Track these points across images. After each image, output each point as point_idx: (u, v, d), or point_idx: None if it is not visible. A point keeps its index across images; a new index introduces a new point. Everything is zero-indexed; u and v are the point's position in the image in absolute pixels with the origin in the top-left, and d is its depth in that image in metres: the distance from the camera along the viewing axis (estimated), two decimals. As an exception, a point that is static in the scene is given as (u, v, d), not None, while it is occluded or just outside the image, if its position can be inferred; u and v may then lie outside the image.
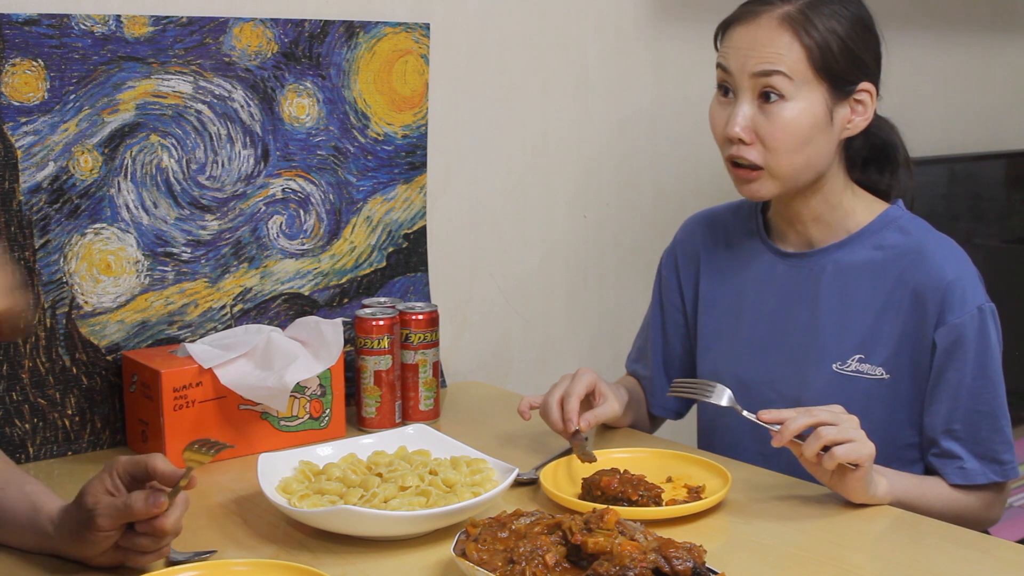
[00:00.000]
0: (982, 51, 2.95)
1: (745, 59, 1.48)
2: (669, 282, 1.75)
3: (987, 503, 1.50)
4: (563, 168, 2.18)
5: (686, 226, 1.76)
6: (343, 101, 1.84)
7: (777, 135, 1.47)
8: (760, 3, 1.50)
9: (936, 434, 1.49)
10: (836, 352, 1.54)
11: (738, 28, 1.50)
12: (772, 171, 1.49)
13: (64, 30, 1.57)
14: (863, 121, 1.52)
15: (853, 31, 1.49)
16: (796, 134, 1.47)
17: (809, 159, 1.49)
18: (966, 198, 2.86)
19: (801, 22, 1.46)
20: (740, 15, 1.51)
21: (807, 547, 1.28)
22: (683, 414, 1.79)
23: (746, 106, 1.48)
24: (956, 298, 1.47)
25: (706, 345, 1.68)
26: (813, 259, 1.58)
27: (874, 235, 1.55)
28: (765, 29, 1.47)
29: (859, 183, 1.59)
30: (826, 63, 1.46)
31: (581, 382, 1.57)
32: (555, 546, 1.13)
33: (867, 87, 1.51)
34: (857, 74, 1.49)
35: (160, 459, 1.16)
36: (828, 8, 1.48)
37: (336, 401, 1.68)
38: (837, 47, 1.47)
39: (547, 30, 2.12)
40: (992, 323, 1.48)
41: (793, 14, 1.47)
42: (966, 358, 1.46)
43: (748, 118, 1.48)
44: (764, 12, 1.48)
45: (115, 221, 1.65)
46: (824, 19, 1.47)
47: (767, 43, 1.46)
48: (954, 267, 1.49)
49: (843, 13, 1.48)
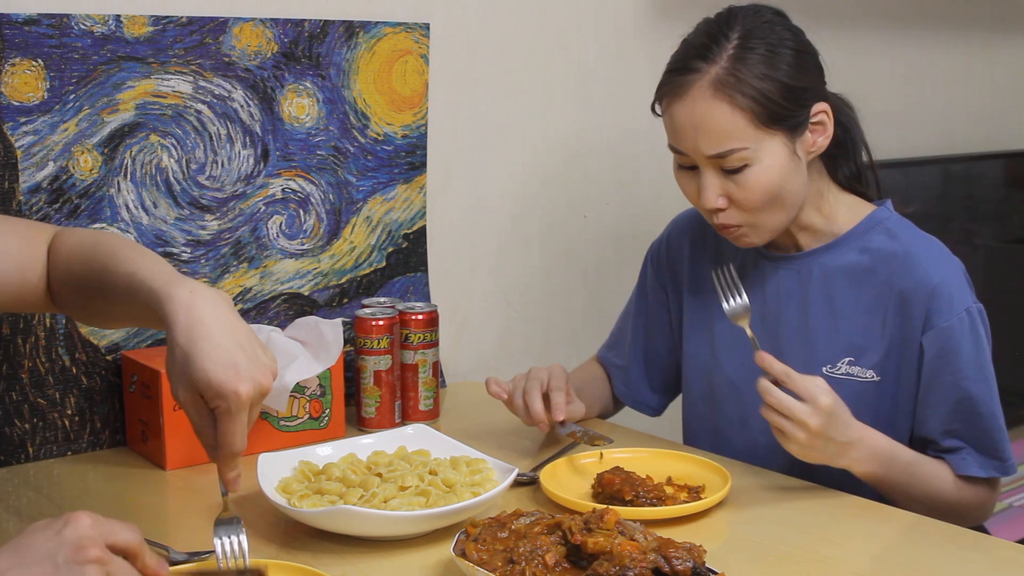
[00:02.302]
0: (982, 51, 2.95)
1: (695, 143, 1.45)
2: (655, 276, 1.75)
3: (983, 498, 1.50)
4: (563, 168, 2.18)
5: (676, 223, 1.75)
6: (343, 101, 1.84)
7: (751, 197, 1.45)
8: (686, 71, 1.44)
9: (935, 435, 1.49)
10: (826, 355, 1.54)
11: (674, 105, 1.46)
12: (755, 226, 1.49)
13: (64, 30, 1.57)
14: (825, 139, 1.49)
15: (787, 66, 1.43)
16: (769, 191, 1.45)
17: (785, 203, 1.48)
18: (964, 198, 2.86)
19: (732, 84, 1.41)
20: (671, 88, 1.46)
21: (807, 547, 1.28)
22: (660, 411, 1.80)
23: (712, 178, 1.46)
24: (943, 302, 1.47)
25: (695, 346, 1.68)
26: (801, 261, 1.57)
27: (860, 238, 1.54)
28: (701, 104, 1.42)
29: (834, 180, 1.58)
30: (771, 115, 1.42)
31: (560, 378, 1.58)
32: (555, 546, 1.13)
33: (820, 107, 1.47)
34: (805, 104, 1.46)
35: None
36: (754, 55, 1.42)
37: (336, 401, 1.68)
38: (777, 92, 1.42)
39: (547, 30, 2.12)
40: (981, 324, 1.48)
41: (722, 77, 1.41)
42: (961, 362, 1.46)
43: (717, 188, 1.46)
44: (694, 83, 1.43)
45: (115, 221, 1.65)
46: (754, 68, 1.41)
47: (708, 122, 1.42)
48: (940, 270, 1.49)
49: (772, 50, 1.43)
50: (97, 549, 0.94)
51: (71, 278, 1.24)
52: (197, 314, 1.07)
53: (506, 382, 1.61)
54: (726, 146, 1.43)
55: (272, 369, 1.10)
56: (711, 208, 1.48)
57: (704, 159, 1.45)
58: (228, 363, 1.05)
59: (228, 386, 1.04)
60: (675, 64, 1.48)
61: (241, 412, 1.06)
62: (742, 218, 1.48)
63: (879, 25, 2.62)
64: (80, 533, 0.94)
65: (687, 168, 1.50)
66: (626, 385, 1.77)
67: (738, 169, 1.44)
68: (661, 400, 1.79)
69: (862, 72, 1.52)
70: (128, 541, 0.97)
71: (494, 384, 1.60)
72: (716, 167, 1.45)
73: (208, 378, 1.05)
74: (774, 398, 1.36)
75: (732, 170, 1.44)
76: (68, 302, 1.27)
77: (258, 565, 1.11)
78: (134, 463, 1.59)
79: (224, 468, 1.10)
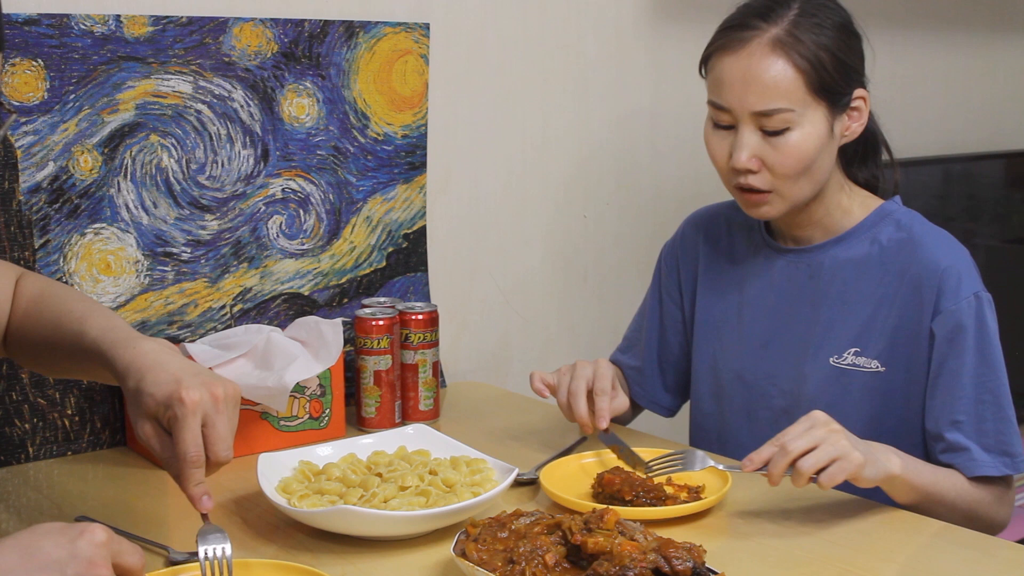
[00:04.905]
0: (982, 51, 2.95)
1: (742, 97, 1.45)
2: (669, 276, 1.75)
3: (997, 497, 1.47)
4: (563, 168, 2.18)
5: (688, 222, 1.76)
6: (343, 101, 1.84)
7: (786, 162, 1.46)
8: (745, 28, 1.46)
9: (941, 428, 1.47)
10: (833, 345, 1.54)
11: (727, 59, 1.47)
12: (781, 193, 1.50)
13: (64, 30, 1.57)
14: (859, 127, 1.52)
15: (840, 40, 1.47)
16: (804, 159, 1.47)
17: (814, 176, 1.50)
18: (965, 198, 2.86)
19: (792, 44, 1.44)
20: (726, 43, 1.47)
21: (807, 547, 1.28)
22: (675, 411, 1.79)
23: (750, 136, 1.47)
24: (951, 285, 1.47)
25: (704, 341, 1.68)
26: (812, 255, 1.58)
27: (870, 230, 1.55)
28: (757, 58, 1.44)
29: (848, 177, 1.60)
30: (822, 82, 1.45)
31: (606, 378, 1.55)
32: (555, 546, 1.13)
33: (861, 93, 1.51)
34: (851, 84, 1.49)
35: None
36: (811, 20, 1.45)
37: (336, 401, 1.68)
38: (830, 62, 1.45)
39: (547, 30, 2.12)
40: (989, 312, 1.48)
41: (782, 37, 1.44)
42: (966, 345, 1.46)
43: (753, 148, 1.47)
44: (752, 38, 1.45)
45: (115, 221, 1.65)
46: (812, 34, 1.45)
47: (762, 76, 1.44)
48: (949, 255, 1.49)
49: (827, 23, 1.47)
50: (106, 570, 0.95)
51: (24, 325, 1.28)
52: (142, 359, 1.14)
53: (550, 374, 1.58)
54: (774, 104, 1.44)
55: (229, 384, 1.15)
56: (742, 167, 1.48)
57: (748, 116, 1.46)
58: (171, 379, 1.12)
59: (173, 395, 1.11)
60: (733, 21, 1.50)
61: (189, 418, 1.10)
62: (771, 183, 1.49)
63: (879, 25, 2.62)
64: (94, 550, 0.95)
65: (722, 128, 1.50)
66: (641, 386, 1.77)
67: (779, 132, 1.45)
68: (675, 400, 1.78)
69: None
70: (132, 565, 0.99)
71: (537, 381, 1.57)
72: (756, 126, 1.46)
73: (155, 395, 1.11)
74: (787, 443, 1.29)
75: (772, 132, 1.45)
76: (17, 349, 1.31)
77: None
78: (134, 463, 1.59)
79: (185, 481, 1.11)
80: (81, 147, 1.61)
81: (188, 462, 1.10)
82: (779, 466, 1.29)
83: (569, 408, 1.54)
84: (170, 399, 1.11)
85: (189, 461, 1.10)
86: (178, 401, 1.10)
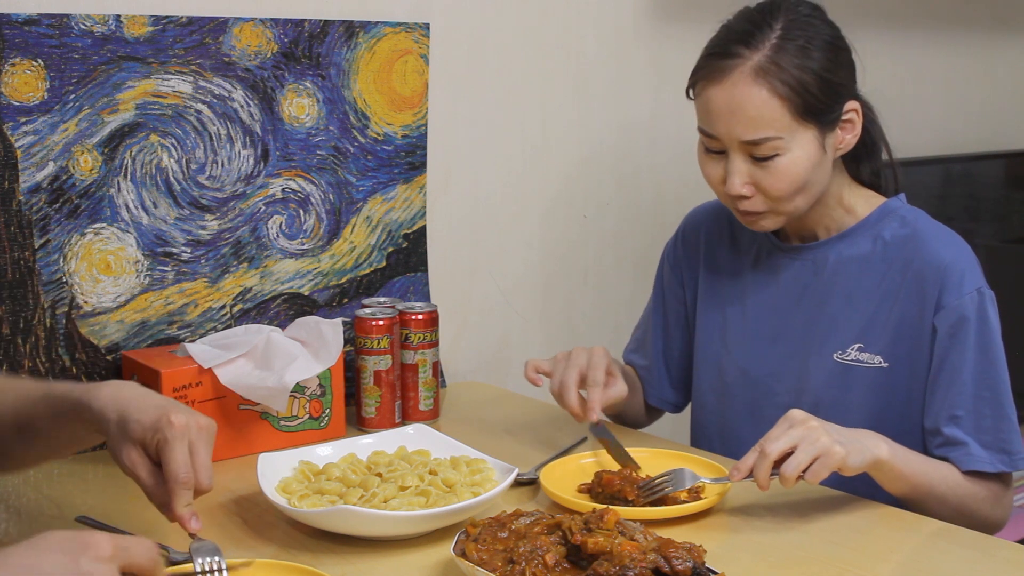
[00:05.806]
0: (982, 51, 2.95)
1: (729, 127, 1.45)
2: (671, 273, 1.75)
3: (993, 495, 1.46)
4: (563, 168, 2.18)
5: (690, 217, 1.76)
6: (343, 101, 1.84)
7: (778, 185, 1.47)
8: (726, 55, 1.45)
9: (939, 423, 1.47)
10: (837, 341, 1.54)
11: (711, 89, 1.46)
12: (777, 211, 1.51)
13: (64, 30, 1.57)
14: (853, 138, 1.51)
15: (826, 58, 1.45)
16: (796, 181, 1.47)
17: (810, 191, 1.50)
18: (965, 198, 2.86)
19: (774, 72, 1.43)
20: (709, 73, 1.47)
21: (807, 547, 1.28)
22: (682, 407, 1.80)
23: (740, 164, 1.47)
24: (954, 280, 1.47)
25: (707, 337, 1.68)
26: (815, 252, 1.58)
27: (874, 226, 1.56)
28: (741, 89, 1.44)
29: (852, 175, 1.60)
30: (807, 106, 1.44)
31: (600, 368, 1.55)
32: (555, 546, 1.13)
33: (852, 106, 1.49)
34: (839, 100, 1.48)
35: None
36: (794, 44, 1.44)
37: (336, 401, 1.68)
38: (815, 84, 1.44)
39: (547, 31, 2.12)
40: (991, 308, 1.48)
41: (764, 64, 1.43)
42: (967, 340, 1.46)
43: (745, 175, 1.47)
44: (735, 68, 1.44)
45: (115, 221, 1.65)
46: (795, 58, 1.43)
47: (746, 106, 1.43)
48: (952, 251, 1.50)
49: (812, 43, 1.45)
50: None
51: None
52: (119, 393, 1.17)
53: (545, 362, 1.58)
54: (761, 133, 1.44)
55: (206, 417, 1.17)
56: (736, 194, 1.49)
57: (736, 144, 1.46)
58: (156, 406, 1.15)
59: (162, 419, 1.13)
60: (715, 48, 1.49)
61: (178, 440, 1.12)
62: (766, 204, 1.49)
63: (879, 25, 2.62)
64: (99, 567, 0.93)
65: (714, 152, 1.50)
66: (649, 384, 1.77)
67: (768, 157, 1.45)
68: (681, 396, 1.78)
69: (862, 72, 1.53)
70: (144, 565, 0.98)
71: (531, 370, 1.58)
72: (746, 153, 1.46)
73: (142, 421, 1.13)
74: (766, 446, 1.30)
75: (762, 158, 1.46)
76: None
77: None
78: (134, 463, 1.59)
79: (175, 502, 1.12)
80: (81, 147, 1.61)
81: (179, 483, 1.12)
82: (762, 471, 1.30)
83: (561, 398, 1.55)
84: (159, 423, 1.13)
85: (180, 482, 1.12)
86: (167, 424, 1.12)
